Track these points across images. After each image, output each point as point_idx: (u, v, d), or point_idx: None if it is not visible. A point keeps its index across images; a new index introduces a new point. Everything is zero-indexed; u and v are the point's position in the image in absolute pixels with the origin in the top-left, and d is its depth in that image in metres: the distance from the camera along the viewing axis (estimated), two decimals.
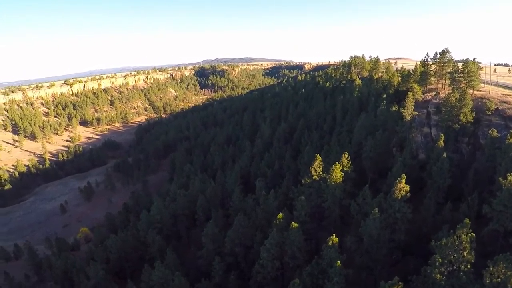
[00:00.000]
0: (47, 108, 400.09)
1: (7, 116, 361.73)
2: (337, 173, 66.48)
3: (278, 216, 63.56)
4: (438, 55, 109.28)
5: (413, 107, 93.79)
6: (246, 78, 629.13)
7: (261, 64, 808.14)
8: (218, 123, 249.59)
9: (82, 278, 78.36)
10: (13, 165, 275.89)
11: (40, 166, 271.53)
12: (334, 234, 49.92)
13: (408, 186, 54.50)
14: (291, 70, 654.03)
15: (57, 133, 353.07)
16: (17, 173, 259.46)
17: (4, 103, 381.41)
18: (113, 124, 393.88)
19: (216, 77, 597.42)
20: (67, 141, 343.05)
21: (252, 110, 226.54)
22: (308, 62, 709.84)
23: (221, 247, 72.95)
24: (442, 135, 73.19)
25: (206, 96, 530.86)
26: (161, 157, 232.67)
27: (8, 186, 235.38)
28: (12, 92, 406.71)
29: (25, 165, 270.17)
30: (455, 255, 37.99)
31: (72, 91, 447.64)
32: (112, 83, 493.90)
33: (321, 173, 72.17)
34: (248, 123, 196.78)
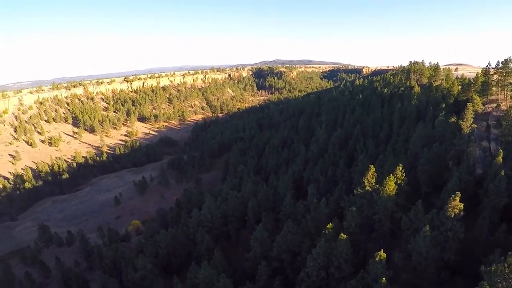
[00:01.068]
0: (106, 103, 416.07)
1: (68, 109, 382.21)
2: (391, 185, 64.02)
3: (328, 226, 62.00)
4: (501, 64, 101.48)
5: (472, 119, 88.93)
6: (304, 80, 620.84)
7: (319, 67, 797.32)
8: (274, 125, 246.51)
9: (130, 269, 77.90)
10: (71, 156, 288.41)
11: (98, 158, 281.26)
12: (382, 250, 49.05)
13: (462, 204, 51.22)
14: (349, 74, 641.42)
15: (115, 128, 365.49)
16: (75, 163, 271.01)
17: (66, 97, 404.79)
18: (170, 121, 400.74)
19: (274, 78, 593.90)
20: (125, 135, 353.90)
21: (309, 113, 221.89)
22: (366, 66, 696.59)
23: (268, 251, 71.41)
24: (501, 151, 67.41)
25: (263, 98, 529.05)
26: (216, 156, 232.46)
27: (65, 176, 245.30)
28: (74, 87, 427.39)
29: (83, 157, 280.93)
30: (504, 284, 33.98)
31: (131, 88, 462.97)
32: (171, 81, 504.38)
33: (374, 184, 69.57)
34: (304, 127, 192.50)
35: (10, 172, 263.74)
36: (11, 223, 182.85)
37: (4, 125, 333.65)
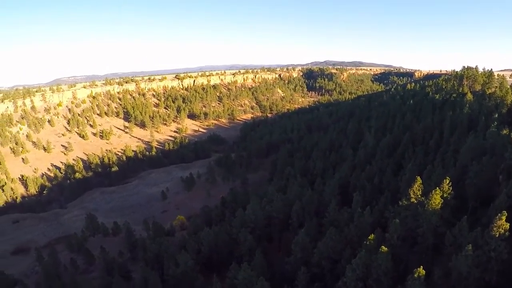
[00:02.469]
0: (157, 99, 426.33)
1: (120, 104, 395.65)
2: (436, 199, 61.11)
3: (370, 237, 59.82)
4: None
5: None
6: (354, 83, 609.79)
7: (370, 69, 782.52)
8: (323, 127, 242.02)
9: (171, 264, 77.45)
10: (122, 149, 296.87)
11: (147, 153, 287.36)
12: (421, 266, 47.16)
13: (508, 224, 47.70)
14: (401, 77, 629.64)
15: (165, 124, 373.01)
16: (124, 157, 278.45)
17: (118, 92, 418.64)
18: (220, 119, 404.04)
19: (324, 80, 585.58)
20: (174, 132, 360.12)
21: (358, 117, 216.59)
22: (418, 70, 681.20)
23: (309, 257, 69.14)
24: None
25: (312, 99, 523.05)
26: (263, 156, 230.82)
27: (115, 168, 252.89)
28: (126, 82, 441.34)
29: (133, 151, 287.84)
30: None
31: (182, 85, 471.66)
32: (221, 80, 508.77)
33: (419, 196, 66.90)
34: (353, 131, 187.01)
35: (62, 162, 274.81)
36: (60, 211, 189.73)
37: (58, 117, 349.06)
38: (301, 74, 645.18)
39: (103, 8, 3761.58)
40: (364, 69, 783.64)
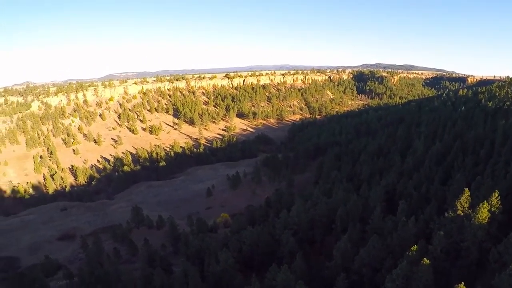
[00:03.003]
0: (207, 97, 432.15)
1: (170, 101, 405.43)
2: (484, 213, 59.06)
3: (412, 248, 57.54)
4: None
5: None
6: (405, 87, 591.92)
7: (421, 73, 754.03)
8: (371, 132, 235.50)
9: (212, 260, 76.20)
10: (170, 145, 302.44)
11: (195, 149, 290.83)
12: (463, 282, 45.23)
13: None
14: (453, 83, 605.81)
15: (214, 122, 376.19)
16: (172, 152, 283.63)
17: (169, 89, 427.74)
18: (268, 119, 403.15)
19: (374, 83, 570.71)
20: (223, 130, 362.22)
21: (408, 123, 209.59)
22: (471, 75, 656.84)
23: (349, 263, 66.74)
24: None
25: (362, 102, 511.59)
26: (310, 158, 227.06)
27: (163, 163, 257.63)
28: (177, 80, 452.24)
29: (181, 147, 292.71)
30: None
31: (232, 84, 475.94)
32: (271, 80, 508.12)
33: (466, 208, 64.10)
34: (402, 137, 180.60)
35: (111, 155, 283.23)
36: (107, 201, 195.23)
37: (109, 111, 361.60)
38: (351, 76, 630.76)
39: (157, 6, 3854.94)
40: (415, 73, 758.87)
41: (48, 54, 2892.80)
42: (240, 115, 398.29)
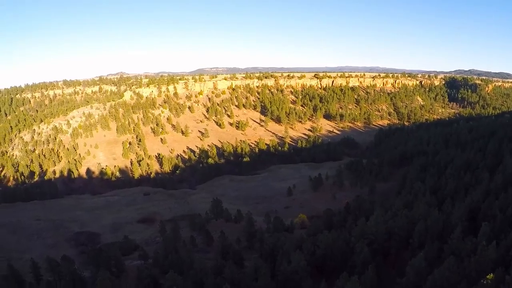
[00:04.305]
0: (295, 96, 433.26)
1: (258, 98, 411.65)
2: None
3: (488, 276, 53.08)
4: None
5: None
6: (500, 97, 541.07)
7: None
8: (461, 143, 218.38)
9: (284, 260, 75.36)
10: (255, 141, 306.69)
11: (279, 147, 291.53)
12: None
13: None
14: None
15: (300, 121, 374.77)
16: (257, 149, 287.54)
17: (257, 86, 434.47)
18: (355, 122, 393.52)
19: (467, 91, 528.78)
20: (309, 130, 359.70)
21: (500, 137, 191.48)
22: None
23: (422, 282, 62.26)
24: None
25: (453, 111, 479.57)
26: (395, 166, 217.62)
27: (246, 159, 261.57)
28: (266, 78, 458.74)
29: (266, 144, 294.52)
30: None
31: (320, 84, 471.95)
32: (360, 82, 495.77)
33: None
34: (492, 152, 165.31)
35: (197, 147, 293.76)
36: (189, 191, 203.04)
37: (198, 104, 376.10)
38: (443, 82, 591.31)
39: (250, 4, 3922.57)
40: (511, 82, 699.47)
41: (141, 46, 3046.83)
42: (327, 116, 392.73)
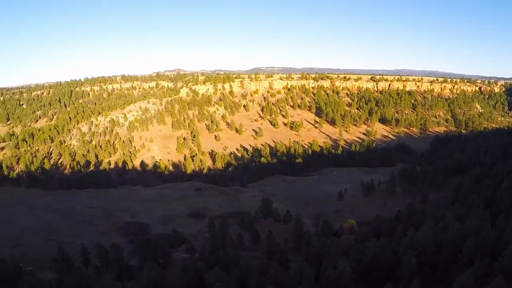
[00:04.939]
0: (351, 99, 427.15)
1: (313, 99, 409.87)
2: None
3: None
4: None
5: None
6: None
7: None
8: None
9: (329, 265, 74.71)
10: (309, 142, 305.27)
11: (333, 150, 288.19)
12: None
13: None
14: None
15: (355, 124, 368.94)
16: (310, 150, 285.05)
17: (313, 87, 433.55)
18: (411, 128, 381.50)
19: None
20: (363, 134, 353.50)
21: None
22: None
23: None
24: None
25: None
26: (450, 176, 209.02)
27: (299, 160, 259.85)
28: (321, 79, 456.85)
29: (319, 146, 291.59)
30: None
31: (377, 87, 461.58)
32: (417, 87, 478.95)
33: None
34: None
35: (250, 145, 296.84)
36: (240, 188, 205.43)
37: (253, 103, 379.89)
38: (503, 89, 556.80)
39: (308, 4, 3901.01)
40: None
41: (199, 44, 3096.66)
42: (383, 120, 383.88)
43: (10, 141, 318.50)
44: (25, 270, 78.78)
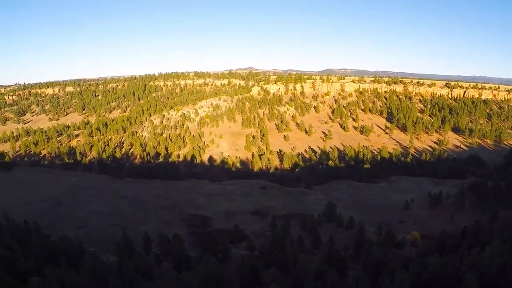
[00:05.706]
0: (423, 105, 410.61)
1: (385, 104, 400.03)
2: None
3: None
4: None
5: None
6: None
7: None
8: None
9: (387, 277, 74.27)
10: (378, 148, 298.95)
11: (402, 158, 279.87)
12: None
13: None
14: None
15: (427, 132, 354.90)
16: (379, 156, 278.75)
17: (385, 92, 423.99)
18: (485, 139, 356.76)
19: None
20: (434, 142, 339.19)
21: None
22: None
23: None
24: None
25: None
26: None
27: (367, 166, 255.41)
28: (394, 83, 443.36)
29: (389, 152, 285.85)
30: None
31: (451, 94, 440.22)
32: (494, 95, 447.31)
33: None
34: None
35: (319, 147, 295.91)
36: (305, 190, 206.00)
37: (323, 105, 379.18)
38: None
39: (382, 7, 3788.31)
40: None
41: (271, 43, 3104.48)
42: (455, 129, 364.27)
43: (85, 129, 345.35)
44: (89, 250, 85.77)
